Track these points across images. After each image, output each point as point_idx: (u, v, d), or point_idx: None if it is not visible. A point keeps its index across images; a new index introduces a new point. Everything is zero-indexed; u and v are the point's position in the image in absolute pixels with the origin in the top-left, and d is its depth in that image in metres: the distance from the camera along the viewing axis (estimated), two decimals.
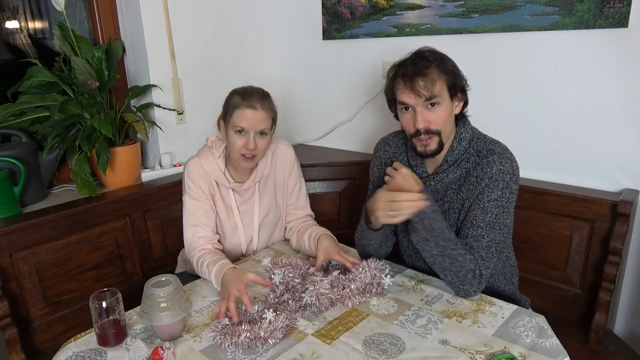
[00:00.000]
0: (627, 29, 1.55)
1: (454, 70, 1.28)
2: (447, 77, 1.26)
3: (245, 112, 1.46)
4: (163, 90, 2.08)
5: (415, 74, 1.25)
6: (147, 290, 1.16)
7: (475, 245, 1.27)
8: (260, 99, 1.48)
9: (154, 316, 1.14)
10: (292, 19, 2.46)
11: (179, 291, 1.17)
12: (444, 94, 1.26)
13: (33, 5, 2.00)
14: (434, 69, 1.25)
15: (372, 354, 1.10)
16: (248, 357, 1.11)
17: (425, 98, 1.25)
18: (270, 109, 1.51)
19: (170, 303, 1.14)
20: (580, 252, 1.65)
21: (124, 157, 1.92)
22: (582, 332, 1.60)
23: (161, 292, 1.14)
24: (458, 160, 1.33)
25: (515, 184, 1.30)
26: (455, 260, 1.24)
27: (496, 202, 1.27)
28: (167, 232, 1.94)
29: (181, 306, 1.16)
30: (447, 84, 1.26)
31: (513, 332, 1.16)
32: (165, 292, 1.15)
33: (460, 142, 1.33)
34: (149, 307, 1.14)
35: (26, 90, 1.83)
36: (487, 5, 1.80)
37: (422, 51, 1.31)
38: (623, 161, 1.66)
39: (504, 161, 1.28)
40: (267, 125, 1.49)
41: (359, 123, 2.34)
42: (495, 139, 1.37)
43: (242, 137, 1.48)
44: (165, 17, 2.04)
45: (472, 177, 1.31)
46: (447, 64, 1.28)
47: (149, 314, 1.14)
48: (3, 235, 1.52)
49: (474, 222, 1.28)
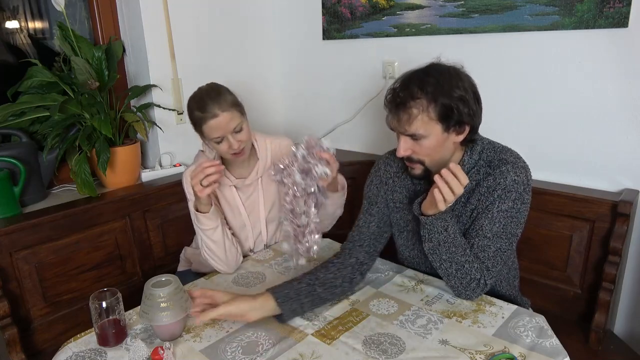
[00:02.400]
0: (627, 29, 1.55)
1: (450, 104, 1.15)
2: (437, 110, 1.15)
3: (211, 124, 1.44)
4: (163, 90, 2.08)
5: (397, 107, 1.18)
6: (147, 290, 1.16)
7: (481, 256, 1.25)
8: (217, 103, 1.44)
9: (154, 316, 1.13)
10: (292, 19, 2.46)
11: (179, 291, 1.17)
12: (429, 129, 1.17)
13: (33, 5, 2.00)
14: (421, 102, 1.15)
15: (372, 354, 1.10)
16: (248, 357, 1.11)
17: (405, 131, 1.19)
18: (231, 105, 1.46)
19: (170, 303, 1.14)
20: (580, 252, 1.65)
21: (124, 157, 1.92)
22: (582, 332, 1.60)
23: (161, 292, 1.14)
24: (468, 174, 1.27)
25: (528, 194, 1.27)
26: (462, 267, 1.23)
27: (506, 213, 1.24)
28: (167, 232, 1.94)
29: (181, 306, 1.16)
30: (437, 117, 1.16)
31: (513, 332, 1.16)
32: (165, 292, 1.14)
33: (471, 156, 1.28)
34: (149, 307, 1.14)
35: (26, 90, 1.83)
36: (487, 5, 1.80)
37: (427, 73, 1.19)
38: (623, 161, 1.66)
39: (519, 171, 1.24)
40: (237, 122, 1.47)
41: (359, 123, 2.34)
42: (506, 147, 1.32)
43: (223, 143, 1.48)
44: (165, 17, 2.04)
45: (483, 187, 1.26)
46: (445, 95, 1.15)
47: (149, 314, 1.14)
48: (3, 235, 1.52)
49: (480, 232, 1.25)
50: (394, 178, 1.43)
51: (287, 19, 2.47)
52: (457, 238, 1.23)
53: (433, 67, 1.21)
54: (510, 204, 1.24)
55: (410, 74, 1.22)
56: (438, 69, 1.19)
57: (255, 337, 1.18)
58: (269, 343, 1.15)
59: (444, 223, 1.21)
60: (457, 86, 1.17)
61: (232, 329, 1.22)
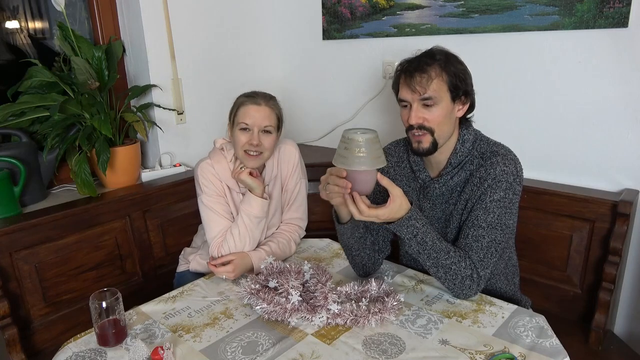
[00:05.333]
0: (627, 29, 1.55)
1: (458, 73, 1.26)
2: (448, 77, 1.25)
3: (249, 109, 1.50)
4: (163, 90, 2.08)
5: (414, 70, 1.25)
6: (346, 135, 1.12)
7: (475, 246, 1.26)
8: (265, 98, 1.53)
9: (352, 161, 1.09)
10: (292, 19, 2.46)
11: (377, 141, 1.12)
12: (441, 94, 1.25)
13: (33, 5, 2.00)
14: (435, 67, 1.24)
15: (372, 354, 1.10)
16: (248, 356, 1.11)
17: (420, 95, 1.24)
18: (275, 108, 1.55)
19: (367, 151, 1.10)
20: (580, 252, 1.65)
21: (124, 157, 1.92)
22: (582, 332, 1.60)
23: (360, 138, 1.10)
24: (462, 163, 1.33)
25: (519, 185, 1.30)
26: (449, 269, 1.24)
27: (498, 203, 1.26)
28: (167, 232, 1.94)
29: (378, 157, 1.12)
30: (448, 84, 1.25)
31: (513, 332, 1.16)
32: (364, 138, 1.10)
33: (463, 144, 1.32)
34: (347, 152, 1.10)
35: (26, 90, 1.82)
36: (487, 5, 1.80)
37: (431, 49, 1.30)
38: (623, 161, 1.66)
39: (508, 162, 1.28)
40: (271, 123, 1.51)
41: (359, 123, 2.33)
42: (498, 142, 1.36)
43: (247, 133, 1.49)
44: (165, 17, 2.04)
45: (475, 178, 1.30)
46: (452, 65, 1.26)
47: (347, 158, 1.10)
48: (3, 235, 1.52)
49: (475, 222, 1.27)
50: (395, 167, 1.46)
51: (287, 19, 2.47)
52: (434, 243, 1.22)
53: (434, 48, 1.31)
54: (502, 194, 1.26)
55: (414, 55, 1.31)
56: (439, 49, 1.31)
57: (255, 337, 1.18)
58: (269, 343, 1.15)
59: (413, 230, 1.20)
60: (458, 62, 1.29)
61: (232, 329, 1.22)
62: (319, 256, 1.63)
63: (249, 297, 1.30)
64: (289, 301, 1.24)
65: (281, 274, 1.34)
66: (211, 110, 2.24)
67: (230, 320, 1.26)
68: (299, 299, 1.25)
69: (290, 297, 1.24)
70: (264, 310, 1.24)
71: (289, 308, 1.23)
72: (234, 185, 1.58)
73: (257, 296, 1.28)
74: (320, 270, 1.37)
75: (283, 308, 1.23)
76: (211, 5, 2.20)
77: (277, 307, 1.23)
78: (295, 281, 1.29)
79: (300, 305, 1.24)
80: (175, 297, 1.38)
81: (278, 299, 1.25)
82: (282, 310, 1.23)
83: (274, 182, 1.64)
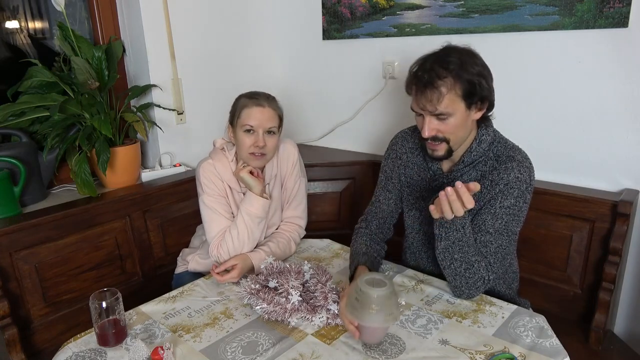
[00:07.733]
0: (627, 29, 1.55)
1: (473, 79, 1.21)
2: (462, 87, 1.20)
3: (253, 110, 1.50)
4: (163, 90, 2.08)
5: (425, 86, 1.21)
6: (361, 287, 1.07)
7: (484, 251, 1.26)
8: (268, 99, 1.55)
9: (363, 315, 1.06)
10: (292, 19, 2.46)
11: (390, 296, 1.07)
12: (455, 107, 1.21)
13: (33, 5, 2.00)
14: (447, 80, 1.20)
15: (372, 354, 1.10)
16: (248, 356, 1.11)
17: (431, 112, 1.22)
18: (277, 108, 1.57)
19: (379, 308, 1.05)
20: (580, 252, 1.65)
21: (124, 157, 1.92)
22: (582, 332, 1.60)
23: (374, 293, 1.05)
24: (475, 162, 1.31)
25: (530, 194, 1.28)
26: (471, 266, 1.23)
27: (508, 210, 1.25)
28: (167, 232, 1.94)
29: (391, 313, 1.07)
30: (462, 95, 1.21)
31: (513, 332, 1.16)
32: (377, 294, 1.05)
33: (480, 144, 1.30)
34: (359, 303, 1.07)
35: (26, 90, 1.82)
36: (487, 5, 1.80)
37: (447, 50, 1.25)
38: (623, 161, 1.66)
39: (523, 170, 1.26)
40: (274, 124, 1.53)
41: (359, 123, 2.34)
42: (517, 145, 1.34)
43: (251, 135, 1.50)
44: (165, 17, 2.04)
45: (487, 180, 1.28)
46: (467, 72, 1.20)
47: (358, 311, 1.07)
48: (3, 235, 1.52)
49: (483, 227, 1.27)
50: (408, 154, 1.47)
51: (287, 19, 2.47)
52: (471, 237, 1.23)
53: (450, 48, 1.26)
54: (513, 201, 1.25)
55: (428, 56, 1.26)
56: (455, 49, 1.25)
57: (255, 337, 1.18)
58: (269, 343, 1.15)
59: (463, 221, 1.21)
60: (475, 63, 1.23)
61: (232, 329, 1.22)
62: (319, 256, 1.64)
63: (249, 297, 1.30)
64: (289, 301, 1.24)
65: (281, 274, 1.34)
66: (211, 110, 2.24)
67: (230, 320, 1.26)
68: (299, 299, 1.25)
69: (290, 297, 1.25)
70: (264, 310, 1.24)
71: (289, 308, 1.23)
72: (235, 185, 1.58)
73: (257, 296, 1.28)
74: (320, 270, 1.37)
75: (283, 308, 1.23)
76: (211, 5, 2.20)
77: (277, 307, 1.24)
78: (295, 281, 1.29)
79: (300, 305, 1.25)
80: (175, 297, 1.38)
81: (278, 299, 1.25)
82: (282, 310, 1.23)
83: (273, 182, 1.65)
